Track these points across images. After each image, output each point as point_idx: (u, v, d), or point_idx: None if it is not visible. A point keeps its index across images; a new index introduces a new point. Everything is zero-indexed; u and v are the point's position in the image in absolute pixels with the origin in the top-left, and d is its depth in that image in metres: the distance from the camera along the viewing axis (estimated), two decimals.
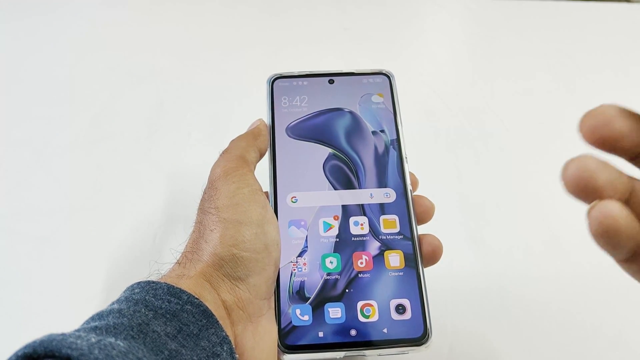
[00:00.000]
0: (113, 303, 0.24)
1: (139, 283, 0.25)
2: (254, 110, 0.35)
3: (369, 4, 0.65)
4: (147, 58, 0.57)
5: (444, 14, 0.66)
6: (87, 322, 0.23)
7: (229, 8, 0.64)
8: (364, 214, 0.30)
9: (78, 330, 0.21)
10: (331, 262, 0.29)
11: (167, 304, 0.23)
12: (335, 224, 0.30)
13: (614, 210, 0.16)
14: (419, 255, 0.29)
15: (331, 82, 0.34)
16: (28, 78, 0.55)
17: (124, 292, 0.25)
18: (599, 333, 0.38)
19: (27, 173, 0.47)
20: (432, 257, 0.29)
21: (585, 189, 0.17)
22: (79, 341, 0.19)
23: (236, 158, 0.29)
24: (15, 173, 0.47)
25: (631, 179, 0.18)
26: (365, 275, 0.28)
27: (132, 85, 0.55)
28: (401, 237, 0.29)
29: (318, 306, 0.28)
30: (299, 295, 0.28)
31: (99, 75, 0.56)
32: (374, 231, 0.30)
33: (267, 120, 0.33)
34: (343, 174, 0.31)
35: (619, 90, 0.55)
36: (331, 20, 0.63)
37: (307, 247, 0.29)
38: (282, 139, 0.32)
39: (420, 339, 0.27)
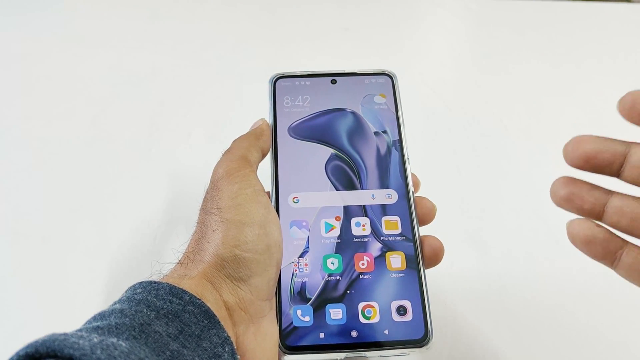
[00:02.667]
0: (115, 303, 0.24)
1: (140, 283, 0.25)
2: (255, 110, 0.35)
3: (369, 4, 0.65)
4: (147, 58, 0.57)
5: (444, 14, 0.66)
6: (89, 322, 0.23)
7: (229, 7, 0.64)
8: (366, 215, 0.30)
9: (80, 330, 0.21)
10: (332, 263, 0.29)
11: (168, 304, 0.23)
12: (337, 225, 0.30)
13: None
14: (421, 256, 0.29)
15: (334, 82, 0.34)
16: (28, 78, 0.55)
17: (126, 292, 0.25)
18: (600, 333, 0.38)
19: (27, 173, 0.47)
20: (434, 258, 0.29)
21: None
22: (81, 341, 0.19)
23: (239, 158, 0.29)
24: (15, 173, 0.47)
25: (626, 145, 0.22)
26: (367, 276, 0.28)
27: (132, 85, 0.54)
28: (403, 238, 0.29)
29: (319, 307, 0.27)
30: (300, 296, 0.28)
31: (100, 75, 0.55)
32: (376, 232, 0.30)
33: (269, 120, 0.33)
34: (345, 175, 0.31)
35: (619, 90, 0.54)
36: (331, 20, 0.63)
37: (308, 247, 0.29)
38: (284, 139, 0.32)
39: (421, 340, 0.27)
